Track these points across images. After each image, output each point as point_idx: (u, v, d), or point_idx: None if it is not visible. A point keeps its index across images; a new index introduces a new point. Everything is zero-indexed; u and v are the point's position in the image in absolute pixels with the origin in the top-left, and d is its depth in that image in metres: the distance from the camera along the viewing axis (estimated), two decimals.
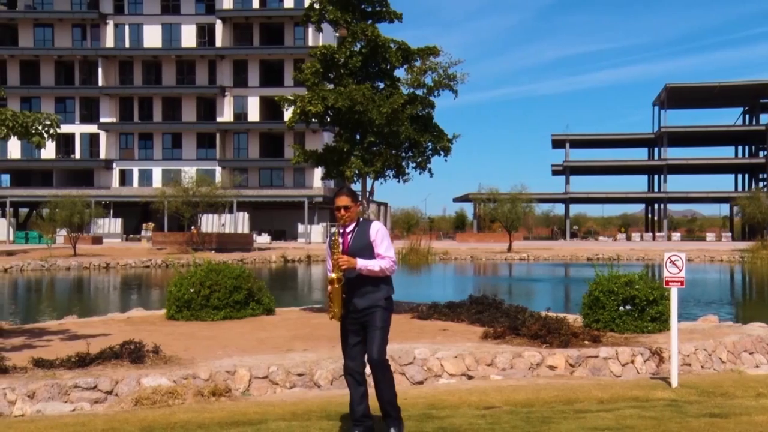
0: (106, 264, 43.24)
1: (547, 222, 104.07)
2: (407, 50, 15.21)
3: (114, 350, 9.40)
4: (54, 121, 10.82)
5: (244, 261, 43.26)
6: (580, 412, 6.74)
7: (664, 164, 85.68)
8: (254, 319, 14.15)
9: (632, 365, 10.07)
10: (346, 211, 5.66)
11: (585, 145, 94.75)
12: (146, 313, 15.92)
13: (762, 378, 9.14)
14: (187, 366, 9.09)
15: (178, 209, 53.12)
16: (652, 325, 11.94)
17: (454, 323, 13.26)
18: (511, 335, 11.25)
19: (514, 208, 56.45)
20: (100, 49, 73.07)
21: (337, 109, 14.48)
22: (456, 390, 8.25)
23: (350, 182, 15.81)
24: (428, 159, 15.59)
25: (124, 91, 73.59)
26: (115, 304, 23.89)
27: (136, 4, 73.93)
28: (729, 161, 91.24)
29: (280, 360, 9.45)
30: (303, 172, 71.55)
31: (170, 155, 73.97)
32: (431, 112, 15.66)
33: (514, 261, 51.78)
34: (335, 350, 10.30)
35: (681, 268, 8.37)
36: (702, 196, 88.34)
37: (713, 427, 6.06)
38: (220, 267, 14.76)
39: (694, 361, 10.53)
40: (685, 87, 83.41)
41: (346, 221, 5.69)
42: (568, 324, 11.48)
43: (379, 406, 5.67)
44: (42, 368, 8.84)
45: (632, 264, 43.05)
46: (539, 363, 9.87)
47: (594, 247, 62.08)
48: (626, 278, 12.36)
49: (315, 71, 15.02)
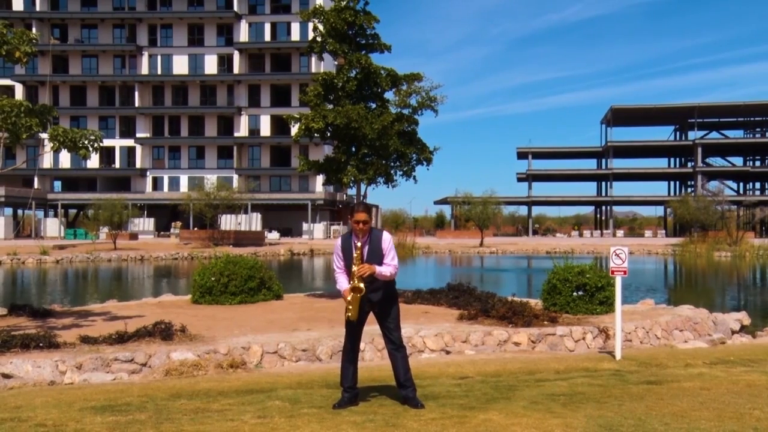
0: (141, 256, 43.02)
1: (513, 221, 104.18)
2: (395, 76, 15.21)
3: (148, 329, 9.37)
4: (98, 136, 10.77)
5: (257, 254, 43.03)
6: (540, 381, 6.75)
7: (610, 173, 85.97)
8: (265, 304, 14.12)
9: (583, 341, 10.10)
10: (364, 225, 5.52)
11: (545, 156, 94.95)
12: (174, 298, 15.86)
13: (690, 351, 9.18)
14: (209, 342, 9.07)
15: (202, 210, 52.94)
16: (600, 308, 11.98)
17: (434, 307, 13.27)
18: (483, 317, 11.26)
19: (485, 210, 56.48)
20: (137, 76, 72.73)
21: (336, 126, 14.46)
22: (436, 363, 8.25)
23: (347, 187, 15.79)
24: (413, 168, 15.59)
25: (156, 110, 73.25)
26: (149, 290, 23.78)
27: (167, 37, 73.64)
28: (663, 170, 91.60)
29: (288, 338, 9.43)
30: (307, 179, 71.43)
31: (195, 165, 73.67)
32: (416, 128, 15.66)
33: (485, 254, 51.83)
34: (334, 329, 10.29)
35: (624, 260, 8.40)
36: (641, 200, 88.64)
37: (649, 393, 6.08)
38: (237, 259, 14.74)
39: (635, 338, 10.57)
40: (627, 108, 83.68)
41: (363, 234, 5.54)
42: (531, 307, 11.50)
43: (398, 378, 5.67)
44: (87, 344, 8.81)
45: (584, 257, 43.15)
46: (506, 340, 9.89)
47: (552, 243, 62.17)
48: (579, 268, 12.40)
49: (317, 93, 15.00)
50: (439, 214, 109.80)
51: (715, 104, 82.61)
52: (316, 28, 15.43)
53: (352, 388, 5.65)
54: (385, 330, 5.68)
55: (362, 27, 15.07)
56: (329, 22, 14.81)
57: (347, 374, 5.64)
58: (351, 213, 5.57)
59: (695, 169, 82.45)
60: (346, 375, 5.64)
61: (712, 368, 7.50)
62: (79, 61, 74.03)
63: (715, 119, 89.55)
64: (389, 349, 5.71)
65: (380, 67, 15.01)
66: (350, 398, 5.62)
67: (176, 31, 73.42)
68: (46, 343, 8.55)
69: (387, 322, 5.66)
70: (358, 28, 15.07)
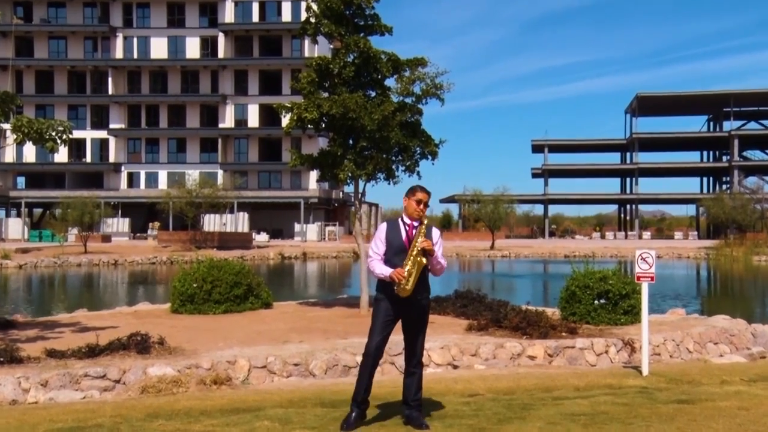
0: (115, 261, 43.03)
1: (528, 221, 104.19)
2: (397, 61, 15.18)
3: (122, 341, 9.35)
4: (66, 127, 10.76)
5: (243, 258, 43.12)
6: (558, 399, 6.73)
7: (635, 168, 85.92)
8: (253, 313, 14.11)
9: (606, 355, 10.08)
10: (425, 207, 5.73)
11: (562, 149, 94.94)
12: (152, 307, 15.85)
13: (726, 366, 9.16)
14: (190, 356, 9.06)
15: (182, 209, 52.95)
16: (624, 318, 11.96)
17: (440, 316, 13.24)
18: (494, 327, 11.25)
19: (496, 209, 56.50)
20: (110, 60, 72.74)
21: (332, 116, 14.43)
22: (442, 378, 8.23)
23: (343, 184, 15.78)
24: (416, 162, 15.56)
25: (132, 99, 73.28)
26: (123, 298, 23.78)
27: (143, 18, 73.68)
28: (695, 165, 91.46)
29: (278, 351, 9.42)
30: (299, 175, 71.44)
31: (175, 159, 73.69)
32: (419, 118, 15.64)
33: (496, 258, 51.82)
34: (330, 341, 10.28)
35: (651, 265, 8.38)
36: (670, 198, 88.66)
37: (680, 413, 6.06)
38: (222, 263, 14.72)
39: (663, 351, 10.56)
40: (654, 96, 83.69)
41: (421, 216, 5.72)
42: (547, 317, 11.49)
43: (406, 397, 5.72)
44: (54, 358, 8.79)
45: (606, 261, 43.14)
46: (520, 353, 9.87)
47: (571, 245, 62.19)
48: (600, 274, 12.38)
49: (311, 80, 14.98)
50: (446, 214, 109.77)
51: (754, 91, 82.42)
52: (310, 8, 15.41)
53: (365, 402, 5.64)
54: (412, 342, 5.74)
55: (360, 6, 15.05)
56: (324, 1, 14.80)
57: (363, 383, 5.59)
58: (410, 193, 5.73)
59: (731, 163, 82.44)
60: (362, 384, 5.59)
61: (752, 386, 7.48)
62: (46, 44, 74.04)
63: (753, 108, 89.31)
64: (408, 368, 5.76)
65: (380, 52, 14.99)
66: (361, 414, 5.61)
67: (154, 10, 73.44)
68: (7, 358, 8.53)
69: (417, 333, 5.72)
70: (356, 7, 15.05)
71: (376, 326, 5.62)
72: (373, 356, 5.59)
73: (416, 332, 5.73)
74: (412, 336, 5.73)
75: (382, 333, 5.59)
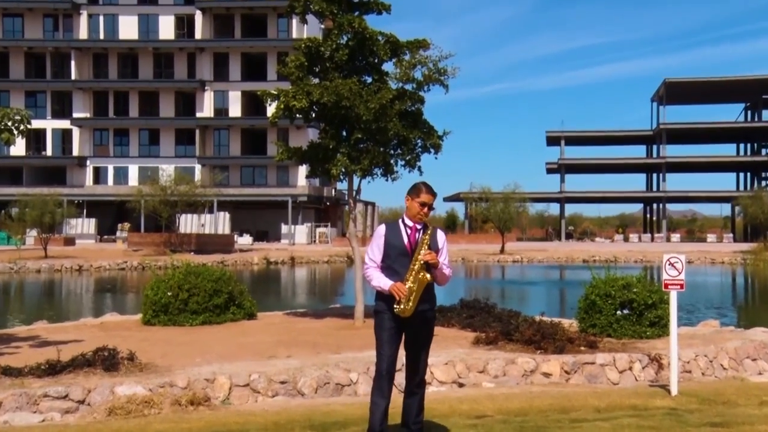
0: (79, 266, 43.00)
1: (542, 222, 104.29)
2: (396, 43, 15.18)
3: (86, 357, 9.33)
4: (24, 116, 10.74)
5: (224, 263, 43.09)
6: (576, 422, 6.74)
7: (663, 162, 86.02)
8: (235, 324, 14.12)
9: (630, 372, 10.09)
10: (429, 210, 5.73)
11: (581, 142, 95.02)
12: (121, 318, 15.84)
13: (765, 385, 9.17)
14: (163, 373, 9.05)
15: (156, 209, 52.92)
16: (650, 330, 11.96)
17: (444, 328, 13.23)
18: (504, 341, 11.25)
19: (506, 208, 56.52)
20: (73, 41, 72.69)
21: (323, 105, 14.43)
22: (446, 398, 8.24)
23: (336, 181, 15.78)
24: (418, 156, 15.57)
25: (98, 85, 73.27)
26: (89, 308, 23.77)
27: None
28: (730, 159, 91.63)
29: (262, 367, 9.41)
30: (286, 170, 71.46)
31: (147, 152, 73.71)
32: (421, 107, 15.64)
33: (507, 263, 51.87)
34: (320, 356, 10.28)
35: (680, 271, 8.39)
36: (702, 196, 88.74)
37: None
38: (200, 269, 14.71)
39: (695, 368, 10.56)
40: (684, 82, 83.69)
41: (424, 220, 5.73)
42: (564, 329, 11.49)
43: (407, 420, 5.76)
44: (9, 377, 8.77)
45: (630, 266, 43.20)
46: (533, 370, 9.88)
47: (590, 249, 62.25)
48: (624, 281, 12.38)
49: (299, 65, 14.97)
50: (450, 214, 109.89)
51: None
52: None
53: None
54: (415, 359, 5.73)
55: None
56: None
57: (380, 410, 5.56)
58: (414, 192, 5.72)
59: None
60: (379, 410, 5.56)
61: None
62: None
63: None
64: (410, 387, 5.76)
65: (377, 32, 14.99)
66: None
67: None
68: None
69: (420, 349, 5.71)
70: None
71: (382, 341, 5.60)
72: (388, 376, 5.57)
73: (419, 348, 5.72)
74: (415, 352, 5.72)
75: (391, 347, 5.58)
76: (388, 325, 5.58)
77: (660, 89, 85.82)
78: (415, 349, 5.71)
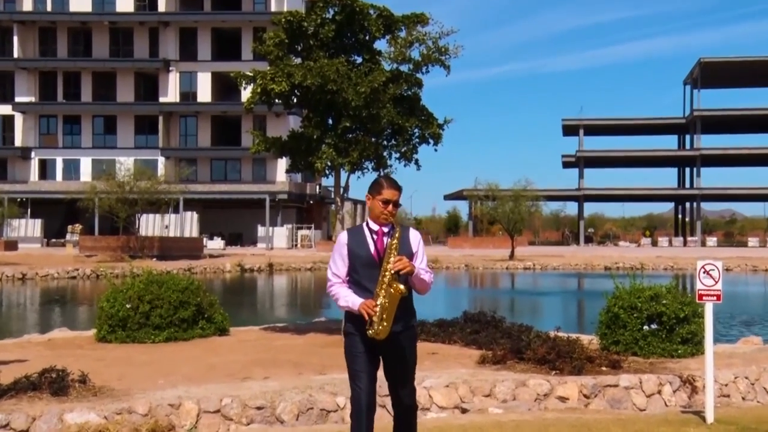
0: (22, 274, 42.85)
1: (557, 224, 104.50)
2: (390, 18, 15.22)
3: (31, 380, 9.31)
4: None
5: (192, 270, 43.06)
6: None
7: (697, 155, 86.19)
8: (204, 341, 14.10)
9: (659, 396, 10.12)
10: (394, 208, 5.58)
11: (603, 131, 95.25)
12: (72, 334, 15.81)
13: None
14: (121, 398, 9.04)
15: (112, 208, 52.76)
16: (682, 348, 12.00)
17: (444, 345, 13.29)
18: (514, 360, 11.27)
19: (517, 208, 56.51)
20: (16, 13, 72.55)
21: (306, 88, 14.45)
22: (447, 426, 8.25)
23: (321, 176, 15.79)
24: (414, 148, 15.61)
25: (45, 64, 73.10)
26: (34, 323, 23.70)
27: None
28: None
29: (236, 390, 9.42)
30: (264, 164, 71.43)
31: (102, 142, 73.60)
32: (418, 92, 15.68)
33: (517, 270, 51.93)
34: (302, 378, 10.28)
35: (717, 280, 8.41)
36: (743, 193, 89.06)
37: None
38: (163, 278, 14.70)
39: (734, 392, 10.59)
40: (723, 62, 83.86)
41: (390, 220, 5.59)
42: (582, 346, 11.52)
43: None
44: None
45: (659, 274, 43.30)
46: (547, 393, 9.90)
47: (613, 254, 62.36)
48: (652, 292, 12.42)
49: (279, 42, 14.99)
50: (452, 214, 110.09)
51: None
52: None
53: None
54: (395, 381, 5.64)
55: None
56: None
57: None
58: (374, 189, 5.60)
59: None
60: None
61: None
62: None
63: None
64: (397, 414, 5.72)
65: (369, 5, 15.03)
66: None
67: None
68: None
69: (401, 368, 5.61)
70: None
71: (355, 368, 5.54)
72: (367, 408, 5.47)
73: (401, 374, 5.63)
74: (397, 379, 5.63)
75: (368, 377, 5.50)
76: (360, 349, 5.50)
77: (694, 70, 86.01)
78: (397, 375, 5.63)
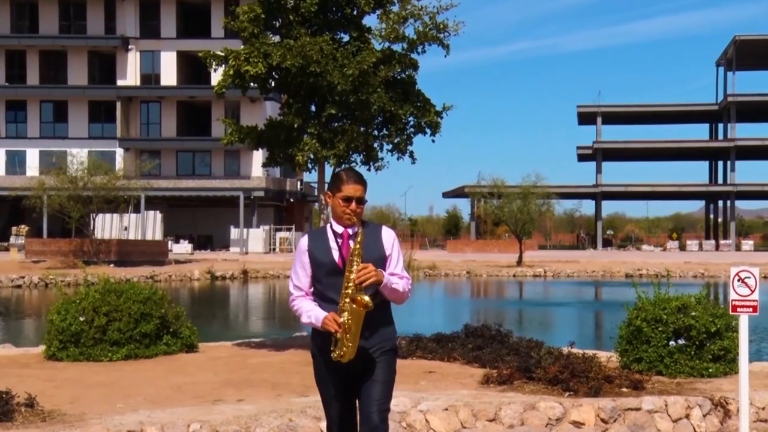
0: None
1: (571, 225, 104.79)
2: None
3: None
4: None
5: (155, 278, 43.07)
6: None
7: (731, 146, 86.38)
8: (169, 359, 14.09)
9: (687, 421, 10.15)
10: (358, 206, 5.45)
11: (623, 119, 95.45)
12: (17, 351, 15.77)
13: None
14: (74, 424, 9.05)
15: (63, 207, 52.69)
16: (713, 367, 12.03)
17: (443, 363, 13.29)
18: (522, 379, 11.30)
19: (525, 206, 56.63)
20: None
21: (285, 70, 14.47)
22: None
23: (304, 169, 15.79)
24: (409, 138, 15.64)
25: None
26: None
27: None
28: None
29: (205, 414, 9.43)
30: (237, 157, 71.39)
31: (51, 132, 73.45)
32: (413, 74, 15.71)
33: (525, 278, 51.99)
34: (281, 400, 10.30)
35: (754, 289, 8.45)
36: None
37: None
38: (122, 287, 14.67)
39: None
40: (761, 40, 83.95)
41: (354, 220, 5.45)
42: (600, 364, 11.56)
43: None
44: None
45: (687, 282, 43.43)
46: (560, 418, 9.93)
47: (635, 260, 62.48)
48: (679, 302, 12.44)
49: (254, 17, 15.00)
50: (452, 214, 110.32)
51: None
52: None
53: None
54: (366, 400, 5.48)
55: None
56: None
57: None
58: (333, 185, 5.47)
59: None
60: None
61: None
62: None
63: None
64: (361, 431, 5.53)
65: None
66: None
67: None
68: None
69: (373, 387, 5.46)
70: None
71: (324, 396, 5.54)
72: None
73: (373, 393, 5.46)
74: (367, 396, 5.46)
75: (340, 401, 5.48)
76: (326, 373, 5.48)
77: (728, 50, 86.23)
78: (369, 394, 5.45)
